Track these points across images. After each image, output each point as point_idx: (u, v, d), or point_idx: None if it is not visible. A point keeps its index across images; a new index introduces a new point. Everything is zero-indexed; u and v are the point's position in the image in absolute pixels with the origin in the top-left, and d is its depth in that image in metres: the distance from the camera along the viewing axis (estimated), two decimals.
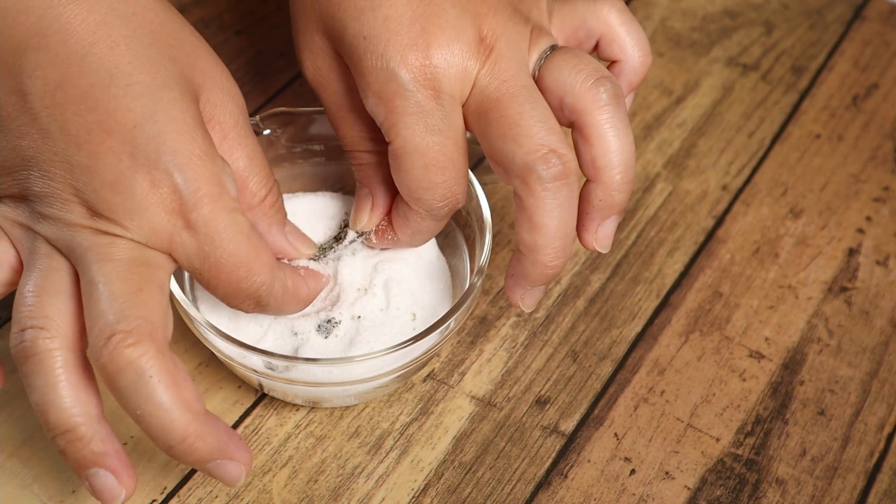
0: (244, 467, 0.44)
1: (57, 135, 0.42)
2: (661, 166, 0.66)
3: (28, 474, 0.50)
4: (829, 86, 0.72)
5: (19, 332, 0.43)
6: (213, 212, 0.43)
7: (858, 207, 0.65)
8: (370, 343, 0.51)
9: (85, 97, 0.42)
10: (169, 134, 0.43)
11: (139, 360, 0.41)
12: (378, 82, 0.45)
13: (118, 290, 0.42)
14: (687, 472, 0.53)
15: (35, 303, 0.43)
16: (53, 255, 0.44)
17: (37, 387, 0.42)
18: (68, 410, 0.42)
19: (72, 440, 0.42)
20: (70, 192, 0.43)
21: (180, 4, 0.72)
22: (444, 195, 0.48)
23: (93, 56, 0.42)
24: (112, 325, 0.41)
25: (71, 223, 0.43)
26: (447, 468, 0.52)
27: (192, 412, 0.42)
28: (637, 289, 0.60)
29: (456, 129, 0.47)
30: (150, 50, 0.43)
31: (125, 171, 0.42)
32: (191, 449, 0.42)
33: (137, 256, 0.43)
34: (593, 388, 0.56)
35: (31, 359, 0.42)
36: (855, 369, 0.57)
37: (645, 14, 0.75)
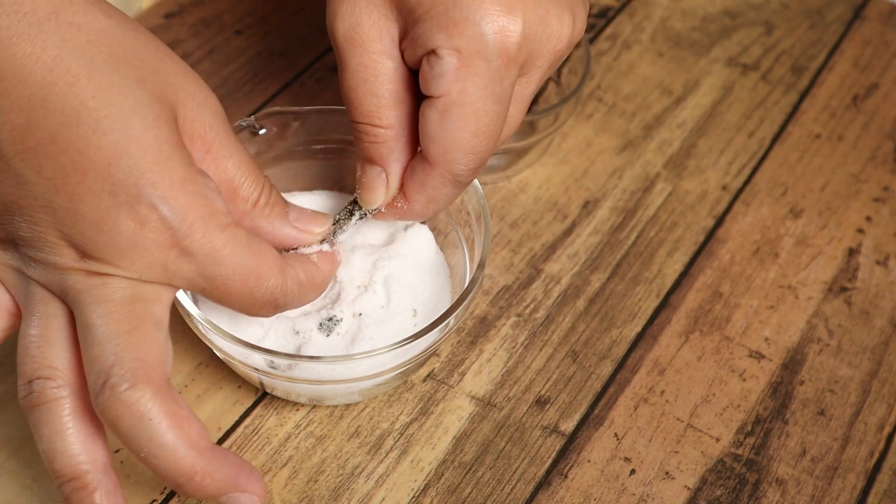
0: (258, 498, 0.43)
1: (34, 179, 0.41)
2: (661, 166, 0.66)
3: (28, 474, 0.50)
4: (829, 86, 0.72)
5: (26, 384, 0.43)
6: (206, 234, 0.43)
7: (858, 207, 0.65)
8: (372, 340, 0.51)
9: (55, 139, 0.41)
10: (146, 165, 0.41)
11: (137, 403, 0.41)
12: (461, 35, 0.44)
13: (112, 331, 0.42)
14: (687, 472, 0.53)
15: (38, 354, 0.43)
16: (49, 300, 0.43)
17: (44, 435, 0.42)
18: (75, 458, 0.42)
19: (77, 488, 0.42)
20: (56, 236, 0.42)
21: (180, 5, 0.72)
22: (476, 163, 0.47)
23: (54, 96, 0.40)
24: (107, 371, 0.41)
25: (61, 266, 0.42)
26: (447, 468, 0.52)
27: (198, 449, 0.42)
28: (637, 289, 0.60)
29: (509, 101, 0.47)
30: (113, 77, 0.41)
31: (108, 211, 0.41)
32: (200, 486, 0.42)
33: (131, 294, 0.43)
34: (593, 388, 0.56)
35: (39, 408, 0.42)
36: (855, 369, 0.57)
37: (645, 14, 0.75)
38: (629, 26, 0.74)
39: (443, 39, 0.44)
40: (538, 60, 0.47)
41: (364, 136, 0.48)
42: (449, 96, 0.45)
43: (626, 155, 0.66)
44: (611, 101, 0.69)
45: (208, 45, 0.70)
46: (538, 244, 0.61)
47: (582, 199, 0.64)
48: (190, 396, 0.53)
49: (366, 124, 0.48)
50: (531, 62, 0.46)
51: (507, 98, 0.46)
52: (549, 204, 0.63)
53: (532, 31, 0.45)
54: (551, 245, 0.61)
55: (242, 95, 0.67)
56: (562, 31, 0.46)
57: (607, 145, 0.67)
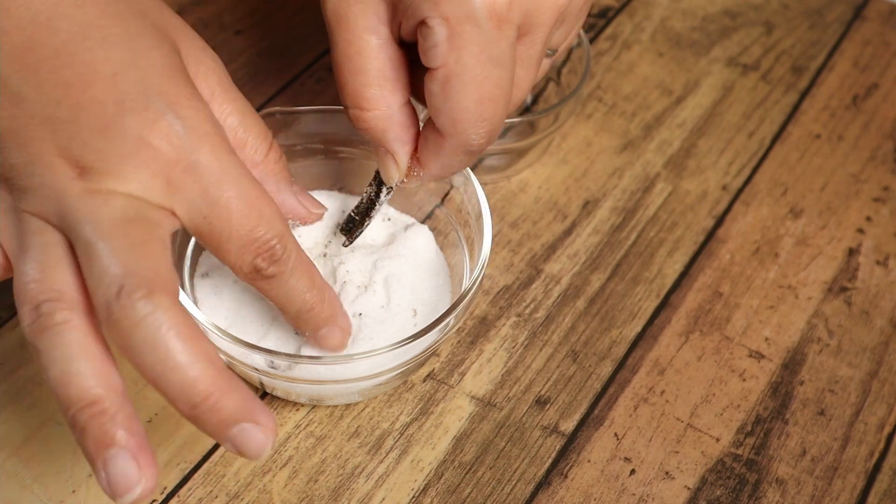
0: (271, 435, 0.39)
1: (32, 95, 0.40)
2: (661, 166, 0.66)
3: (28, 474, 0.50)
4: (829, 86, 0.72)
5: (32, 308, 0.40)
6: (214, 152, 0.41)
7: (858, 207, 0.65)
8: (372, 340, 0.51)
9: (58, 54, 0.40)
10: (154, 77, 0.41)
11: (154, 312, 0.38)
12: (448, 3, 0.43)
13: (119, 244, 0.39)
14: (687, 472, 0.53)
15: (41, 278, 0.40)
16: (45, 229, 0.41)
17: (56, 359, 0.39)
18: (91, 380, 0.39)
19: (95, 413, 0.38)
20: (53, 154, 0.40)
21: (180, 5, 0.72)
22: (488, 130, 0.46)
23: (60, 16, 0.40)
24: (119, 279, 0.38)
25: (57, 188, 0.40)
26: (447, 468, 0.52)
27: (216, 367, 0.39)
28: (637, 289, 0.60)
29: (513, 63, 0.45)
30: (118, 5, 0.41)
31: (113, 117, 0.40)
32: (215, 407, 0.39)
33: (134, 213, 0.40)
34: (593, 388, 0.56)
35: (49, 331, 0.39)
36: (855, 369, 0.57)
37: (645, 14, 0.75)
38: (629, 26, 0.74)
39: (430, 8, 0.43)
40: (538, 17, 0.45)
41: (356, 121, 0.48)
42: (446, 67, 0.44)
43: (626, 155, 0.66)
44: (611, 101, 0.69)
45: (208, 45, 0.70)
46: (538, 244, 0.61)
47: (582, 199, 0.64)
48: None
49: (354, 108, 0.47)
50: (530, 20, 0.45)
51: (507, 61, 0.44)
52: (549, 204, 0.63)
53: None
54: (551, 245, 0.61)
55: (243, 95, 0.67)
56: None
57: (607, 145, 0.67)
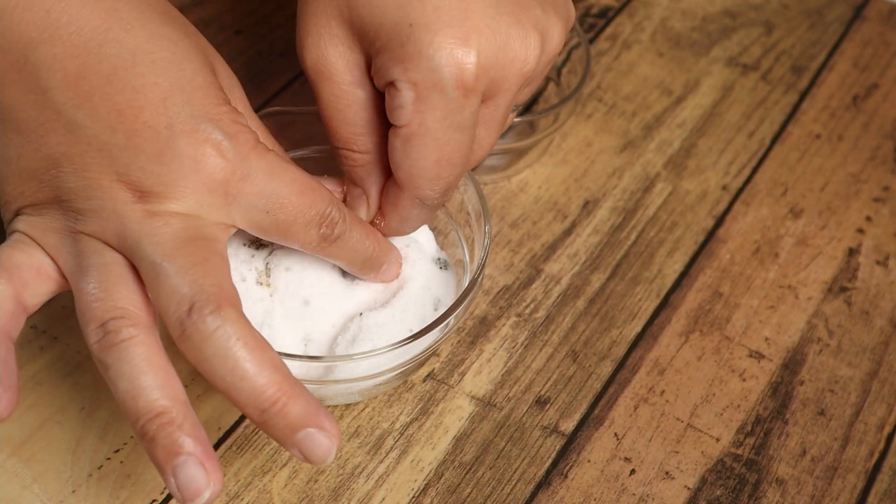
0: (335, 441, 0.42)
1: (87, 123, 0.42)
2: (661, 166, 0.66)
3: (28, 474, 0.50)
4: (829, 86, 0.72)
5: (98, 327, 0.42)
6: (258, 154, 0.44)
7: (858, 207, 0.65)
8: (372, 340, 0.51)
9: (110, 80, 0.42)
10: (198, 99, 0.43)
11: (224, 326, 0.40)
12: (417, 70, 0.45)
13: (184, 263, 0.42)
14: (687, 472, 0.53)
15: (105, 297, 0.42)
16: (104, 250, 0.43)
17: (125, 374, 0.41)
18: (158, 392, 0.41)
19: (163, 424, 0.41)
20: (111, 179, 0.42)
21: (180, 5, 0.72)
22: (444, 188, 0.48)
23: (111, 41, 0.42)
24: (190, 297, 0.41)
25: (117, 211, 0.43)
26: (447, 468, 0.52)
27: (282, 374, 0.41)
28: (637, 289, 0.60)
29: (474, 128, 0.47)
30: (164, 28, 0.44)
31: (167, 141, 0.42)
32: (283, 412, 0.41)
33: (194, 233, 0.43)
34: (593, 388, 0.56)
35: (117, 347, 0.41)
36: (855, 369, 0.57)
37: (645, 14, 0.75)
38: (629, 26, 0.74)
39: (399, 73, 0.45)
40: (503, 84, 0.46)
41: (344, 159, 0.50)
42: (410, 127, 0.46)
43: (626, 155, 0.66)
44: (611, 101, 0.69)
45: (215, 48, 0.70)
46: (538, 244, 0.61)
47: (582, 199, 0.64)
48: (190, 396, 0.53)
49: (344, 149, 0.50)
50: (495, 88, 0.46)
51: (469, 125, 0.46)
52: (549, 204, 0.63)
53: (490, 59, 0.45)
54: (551, 245, 0.61)
55: None
56: (527, 54, 0.46)
57: (607, 145, 0.67)
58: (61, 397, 0.52)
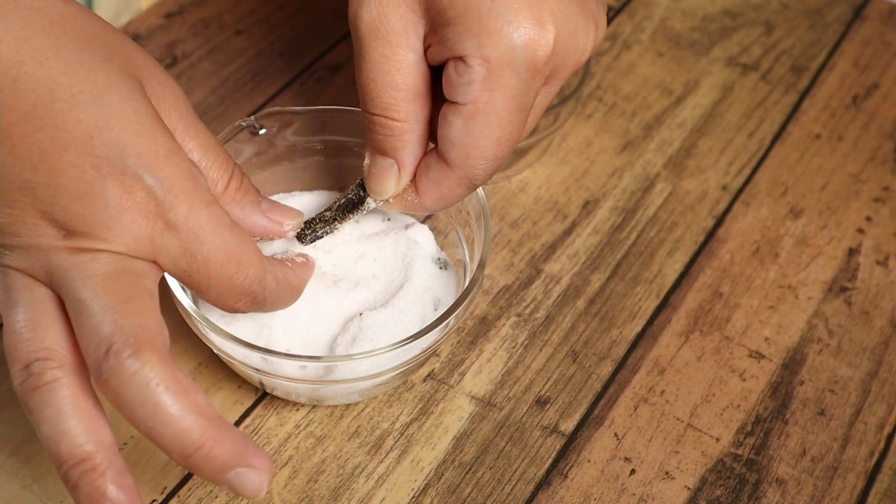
0: (266, 475, 0.41)
1: (7, 160, 0.40)
2: (661, 166, 0.66)
3: (28, 474, 0.50)
4: (829, 86, 0.72)
5: (23, 368, 0.41)
6: (191, 208, 0.42)
7: (858, 207, 0.65)
8: (372, 340, 0.51)
9: (28, 117, 0.40)
10: (129, 137, 0.41)
11: (142, 370, 0.39)
12: (493, 46, 0.44)
13: (108, 302, 0.40)
14: (687, 472, 0.53)
15: (31, 337, 0.41)
16: (33, 285, 0.42)
17: (47, 418, 0.41)
18: (82, 437, 0.40)
19: (86, 471, 0.40)
20: (36, 216, 0.41)
21: (180, 5, 0.72)
22: (494, 169, 0.47)
23: (24, 75, 0.40)
24: (108, 338, 0.40)
25: (44, 247, 0.41)
26: (447, 468, 0.52)
27: (206, 417, 0.40)
28: (637, 289, 0.60)
29: (531, 110, 0.47)
30: (81, 55, 0.41)
31: (92, 182, 0.40)
32: (209, 456, 0.40)
33: (122, 268, 0.41)
34: (593, 388, 0.56)
35: (40, 390, 0.41)
36: (855, 369, 0.57)
37: (645, 14, 0.75)
38: (629, 26, 0.74)
39: (473, 48, 0.44)
40: (562, 72, 0.47)
41: (378, 127, 0.48)
42: (476, 104, 0.45)
43: (626, 155, 0.66)
44: (611, 101, 0.69)
45: (208, 45, 0.70)
46: (538, 244, 0.61)
47: (582, 199, 0.64)
48: None
49: (381, 116, 0.47)
50: (556, 73, 0.47)
51: (530, 107, 0.47)
52: (549, 204, 0.63)
53: (561, 44, 0.45)
54: (551, 245, 0.61)
55: (242, 95, 0.67)
56: (586, 45, 0.47)
57: (607, 145, 0.67)
58: None
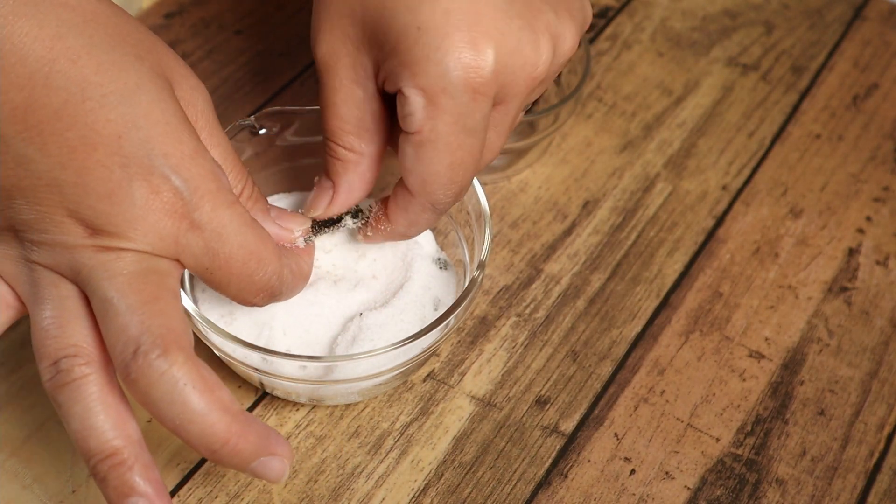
0: (287, 461, 0.43)
1: (37, 157, 0.41)
2: (661, 166, 0.66)
3: (28, 474, 0.50)
4: (829, 86, 0.72)
5: (51, 364, 0.42)
6: (215, 208, 0.43)
7: (858, 207, 0.65)
8: (373, 341, 0.51)
9: (59, 115, 0.40)
10: (157, 137, 0.42)
11: (171, 369, 0.40)
12: (425, 75, 0.44)
13: (134, 302, 0.41)
14: (687, 472, 0.53)
15: (59, 334, 0.42)
16: (59, 282, 0.43)
17: (76, 414, 0.41)
18: (110, 433, 0.41)
19: (114, 465, 0.41)
20: (63, 214, 0.41)
21: (180, 5, 0.72)
22: (456, 193, 0.47)
23: (56, 73, 0.40)
24: (136, 339, 0.40)
25: (70, 245, 0.42)
26: (447, 468, 0.52)
27: (231, 413, 0.41)
28: (637, 289, 0.60)
29: (485, 132, 0.46)
30: (113, 54, 0.42)
31: (120, 182, 0.41)
32: (235, 451, 0.41)
33: (146, 267, 0.42)
34: (593, 388, 0.56)
35: (69, 386, 0.41)
36: (855, 369, 0.57)
37: (645, 14, 0.75)
38: (629, 26, 0.74)
39: (408, 78, 0.44)
40: (513, 89, 0.46)
41: (327, 150, 0.49)
42: (421, 133, 0.45)
43: (626, 155, 0.66)
44: (611, 101, 0.69)
45: (208, 45, 0.70)
46: (538, 244, 0.61)
47: (582, 199, 0.64)
48: None
49: (328, 140, 0.49)
50: (506, 92, 0.46)
51: (480, 129, 0.46)
52: (549, 204, 0.63)
53: (501, 63, 0.44)
54: (551, 245, 0.61)
55: (242, 95, 0.67)
56: (537, 59, 0.46)
57: (607, 145, 0.67)
58: None
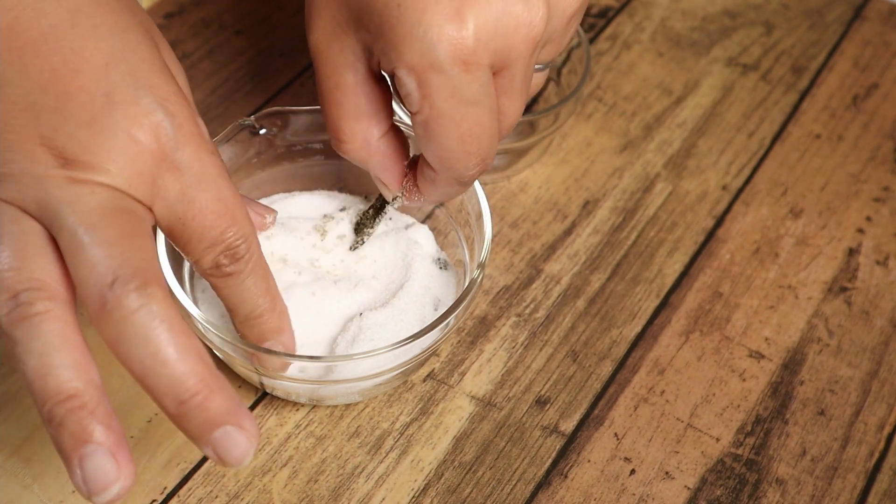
0: (253, 440, 0.39)
1: (15, 80, 0.39)
2: (661, 166, 0.66)
3: (28, 474, 0.50)
4: (829, 86, 0.72)
5: (10, 298, 0.38)
6: (197, 152, 0.41)
7: (858, 207, 0.65)
8: (373, 341, 0.51)
9: (45, 38, 0.39)
10: (144, 71, 0.40)
11: (149, 304, 0.37)
12: (412, 52, 0.43)
13: (110, 235, 0.39)
14: (687, 472, 0.53)
15: (20, 266, 0.39)
16: (20, 217, 0.40)
17: (34, 350, 0.38)
18: (71, 372, 0.38)
19: (73, 408, 0.37)
20: (34, 142, 0.39)
21: (180, 5, 0.72)
22: (476, 163, 0.46)
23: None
24: (114, 270, 0.38)
25: (39, 175, 0.39)
26: (447, 468, 0.52)
27: (205, 364, 0.38)
28: (637, 289, 0.60)
29: (491, 98, 0.45)
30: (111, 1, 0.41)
31: (102, 109, 0.39)
32: (202, 405, 0.38)
33: (121, 205, 0.40)
34: (593, 388, 0.56)
35: (29, 320, 0.38)
36: (855, 369, 0.57)
37: (645, 14, 0.75)
38: (629, 26, 0.74)
39: (395, 59, 0.43)
40: (511, 52, 0.44)
41: (336, 150, 0.49)
42: (422, 112, 0.44)
43: (626, 155, 0.66)
44: (611, 101, 0.69)
45: (208, 45, 0.70)
46: (538, 244, 0.61)
47: (582, 199, 0.64)
48: None
49: (333, 139, 0.48)
50: (502, 57, 0.44)
51: (483, 97, 0.44)
52: (549, 204, 0.63)
53: (488, 29, 0.43)
54: (551, 245, 0.61)
55: (242, 95, 0.67)
56: (532, 17, 0.44)
57: (607, 145, 0.67)
58: None
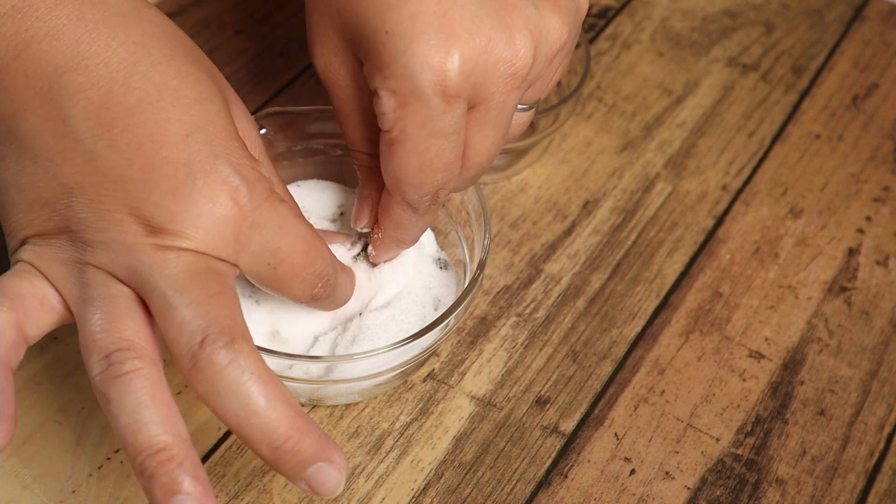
0: (344, 472, 0.42)
1: (105, 153, 0.42)
2: (661, 166, 0.66)
3: (28, 474, 0.50)
4: (829, 86, 0.72)
5: (103, 358, 0.41)
6: (272, 205, 0.44)
7: (858, 207, 0.65)
8: (372, 341, 0.51)
9: (132, 113, 0.42)
10: (220, 140, 0.43)
11: (237, 359, 0.40)
12: (395, 77, 0.44)
13: (197, 296, 0.41)
14: (687, 472, 0.53)
15: (111, 328, 0.42)
16: (111, 282, 0.43)
17: (126, 407, 0.40)
18: (160, 427, 0.40)
19: (163, 461, 0.40)
20: (123, 212, 0.42)
21: (180, 5, 0.72)
22: (429, 194, 0.48)
23: (137, 74, 0.42)
24: (203, 329, 0.40)
25: (129, 243, 0.42)
26: (447, 468, 0.52)
27: (294, 409, 0.41)
28: (637, 289, 0.60)
29: (459, 135, 0.46)
30: (191, 67, 0.44)
31: (184, 179, 0.42)
32: (295, 448, 0.41)
33: (206, 266, 0.42)
34: (593, 388, 0.56)
35: (120, 379, 0.41)
36: (855, 369, 0.57)
37: (645, 14, 0.75)
38: (629, 26, 0.74)
39: (379, 80, 0.45)
40: (489, 88, 0.45)
41: (354, 159, 0.51)
42: (392, 133, 0.46)
43: (626, 155, 0.66)
44: (611, 101, 0.69)
45: (208, 45, 0.70)
46: (538, 244, 0.61)
47: (582, 199, 0.64)
48: (191, 397, 0.53)
49: (353, 149, 0.50)
50: (481, 92, 0.45)
51: (451, 132, 0.46)
52: (549, 204, 0.63)
53: (471, 64, 0.44)
54: (551, 245, 0.61)
55: (242, 95, 0.67)
56: (514, 55, 0.45)
57: (607, 145, 0.67)
58: (61, 397, 0.52)
